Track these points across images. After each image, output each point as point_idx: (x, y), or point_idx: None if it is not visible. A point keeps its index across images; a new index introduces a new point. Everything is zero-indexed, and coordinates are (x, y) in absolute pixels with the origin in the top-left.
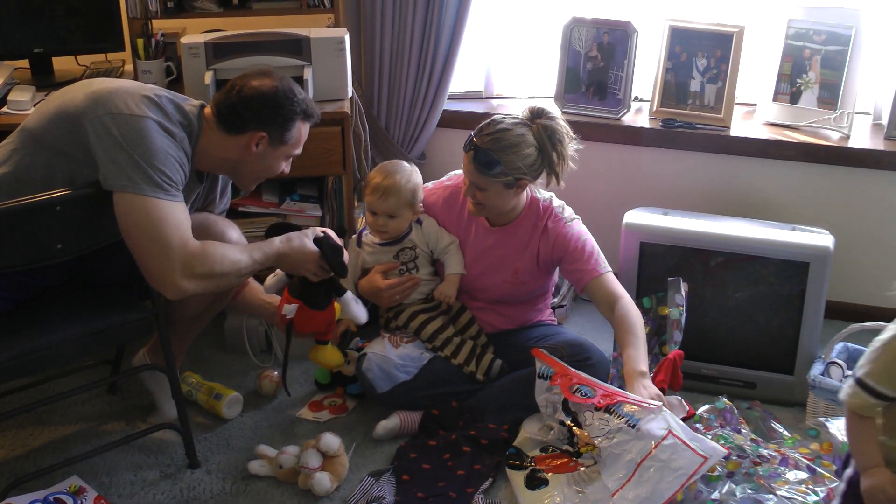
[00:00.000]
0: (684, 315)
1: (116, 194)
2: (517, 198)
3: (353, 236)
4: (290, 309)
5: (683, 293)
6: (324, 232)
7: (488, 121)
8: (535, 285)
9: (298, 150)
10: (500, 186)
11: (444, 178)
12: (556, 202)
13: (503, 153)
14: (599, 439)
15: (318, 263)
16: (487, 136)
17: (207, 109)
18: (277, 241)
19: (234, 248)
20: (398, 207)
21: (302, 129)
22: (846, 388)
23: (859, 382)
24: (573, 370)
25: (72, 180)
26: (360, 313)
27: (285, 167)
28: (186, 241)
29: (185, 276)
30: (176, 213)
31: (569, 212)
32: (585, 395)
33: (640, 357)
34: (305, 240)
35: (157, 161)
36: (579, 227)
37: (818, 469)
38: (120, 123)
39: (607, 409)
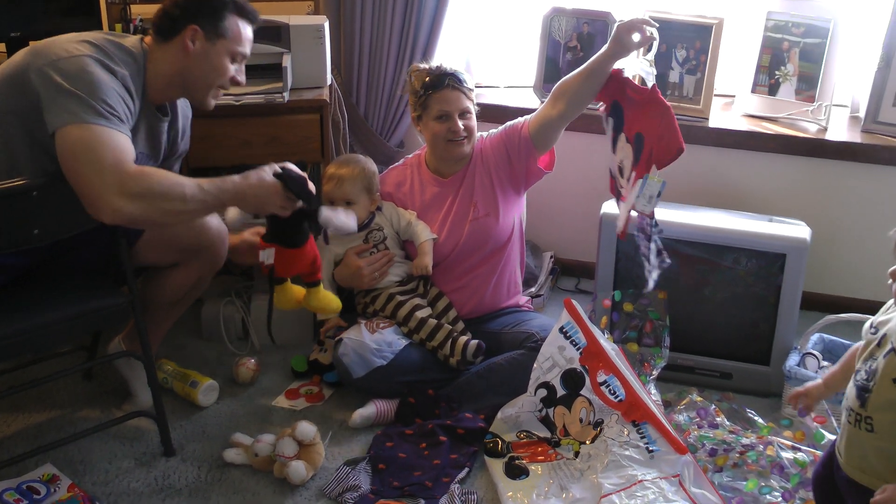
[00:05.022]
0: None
1: (58, 133)
2: None
3: (320, 236)
4: (267, 254)
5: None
6: (282, 167)
7: (418, 66)
8: (497, 213)
9: (243, 49)
10: (472, 103)
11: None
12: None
13: (461, 71)
14: (610, 441)
15: (283, 195)
16: (436, 66)
17: (147, 38)
18: (234, 177)
19: (180, 176)
20: (355, 193)
21: (239, 25)
22: None
23: None
24: (606, 349)
25: (32, 139)
26: (347, 222)
27: (237, 74)
28: (123, 161)
29: (120, 194)
30: (116, 139)
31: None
32: (615, 393)
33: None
34: (263, 174)
35: (98, 92)
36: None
37: (801, 451)
38: (60, 67)
39: (633, 423)
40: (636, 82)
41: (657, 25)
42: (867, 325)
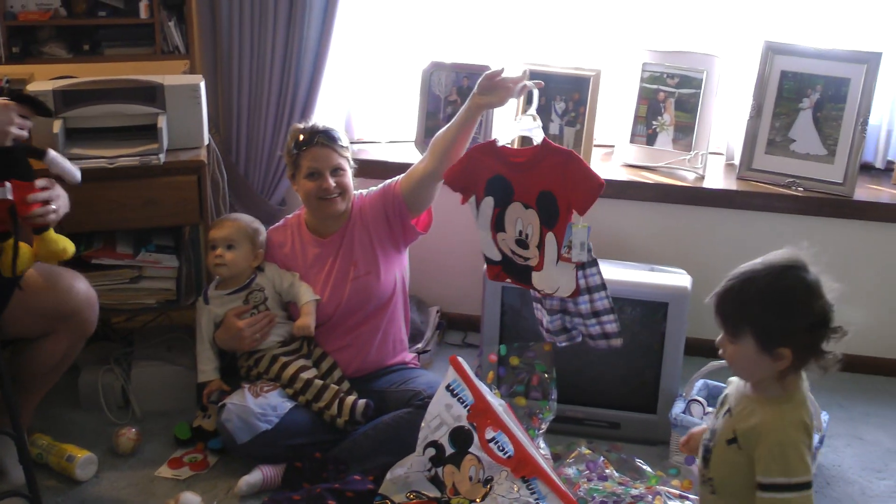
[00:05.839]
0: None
1: None
2: None
3: (200, 296)
4: (5, 189)
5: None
6: None
7: (296, 126)
8: (378, 271)
9: None
10: (347, 160)
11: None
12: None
13: (334, 129)
14: (500, 498)
15: (18, 109)
16: (310, 125)
17: None
18: None
19: None
20: (237, 238)
21: None
22: (801, 498)
23: (809, 485)
24: (493, 406)
25: None
26: (74, 170)
27: None
28: None
29: None
30: None
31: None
32: (504, 450)
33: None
34: None
35: None
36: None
37: (688, 500)
38: None
39: (522, 478)
40: (518, 144)
41: (527, 77)
42: None
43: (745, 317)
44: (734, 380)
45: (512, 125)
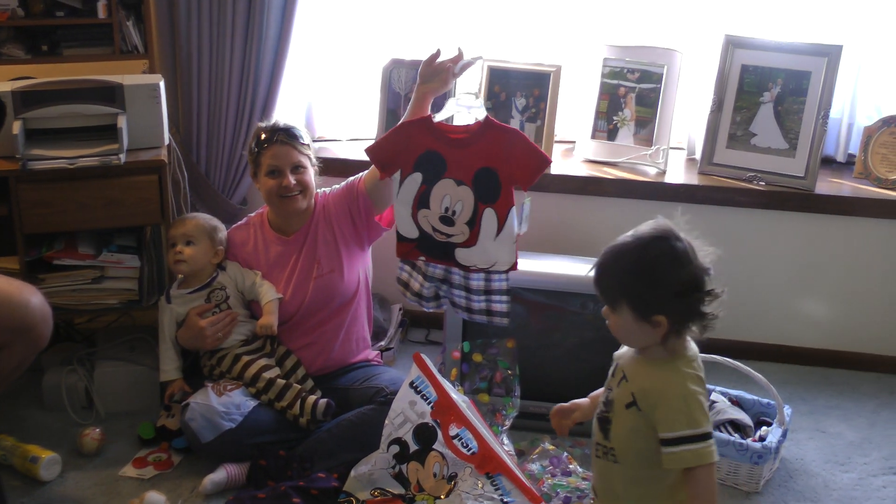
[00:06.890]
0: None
1: None
2: None
3: (162, 296)
4: None
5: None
6: None
7: (259, 125)
8: (341, 269)
9: None
10: (308, 158)
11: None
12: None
13: (295, 127)
14: (465, 494)
15: None
16: (272, 123)
17: None
18: None
19: None
20: (196, 234)
21: None
22: (707, 448)
23: (711, 435)
24: (457, 402)
25: None
26: None
27: None
28: None
29: None
30: None
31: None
32: (468, 446)
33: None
34: None
35: None
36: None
37: None
38: None
39: (487, 475)
40: (462, 122)
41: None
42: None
43: (619, 289)
44: (622, 351)
45: (453, 102)
